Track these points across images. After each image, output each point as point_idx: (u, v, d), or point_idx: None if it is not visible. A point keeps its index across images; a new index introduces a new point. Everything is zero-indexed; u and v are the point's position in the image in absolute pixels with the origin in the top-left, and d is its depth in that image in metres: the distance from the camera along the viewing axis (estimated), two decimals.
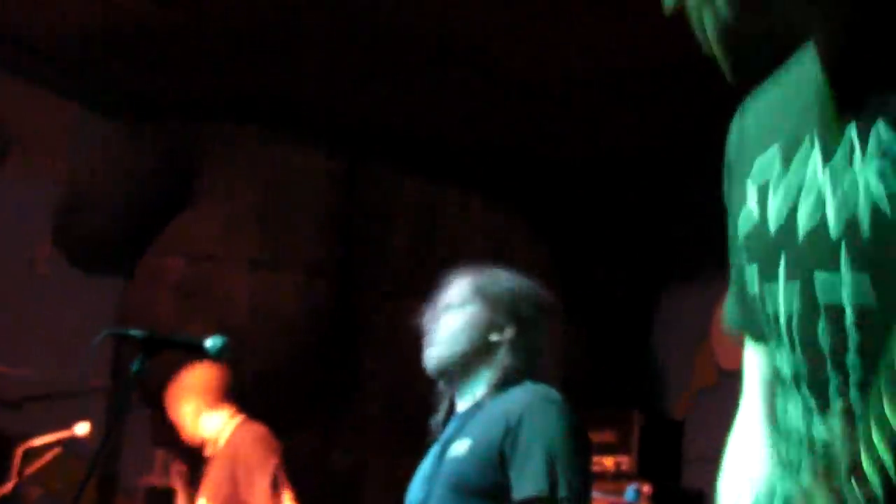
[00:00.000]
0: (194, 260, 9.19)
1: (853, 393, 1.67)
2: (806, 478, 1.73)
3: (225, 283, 9.16)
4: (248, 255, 9.26)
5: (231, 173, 9.37)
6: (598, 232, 9.90)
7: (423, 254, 9.46)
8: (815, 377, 1.75)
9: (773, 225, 1.81)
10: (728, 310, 2.15)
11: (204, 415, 6.58)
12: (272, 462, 6.50)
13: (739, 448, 2.22)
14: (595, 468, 8.02)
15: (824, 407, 1.74)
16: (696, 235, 9.44)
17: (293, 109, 9.09)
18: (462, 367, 4.11)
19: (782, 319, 1.79)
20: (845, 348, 1.67)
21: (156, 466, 8.64)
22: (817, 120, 1.75)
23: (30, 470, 6.43)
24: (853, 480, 1.53)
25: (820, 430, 1.75)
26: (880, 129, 1.63)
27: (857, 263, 1.64)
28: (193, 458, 6.83)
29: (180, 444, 6.87)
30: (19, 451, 6.49)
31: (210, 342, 4.78)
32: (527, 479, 3.77)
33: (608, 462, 8.23)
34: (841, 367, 1.69)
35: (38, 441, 6.52)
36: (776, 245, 1.80)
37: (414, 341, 4.25)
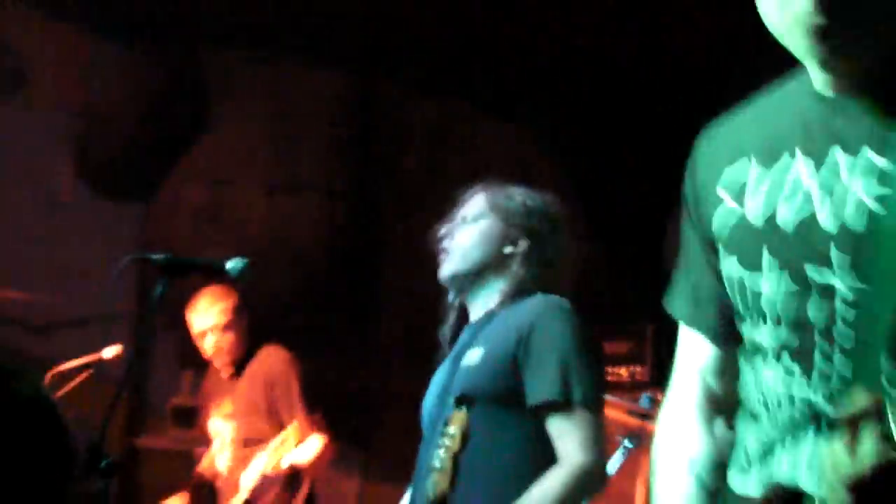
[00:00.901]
0: (212, 185, 9.24)
1: (838, 357, 2.02)
2: (780, 424, 2.14)
3: (242, 207, 9.22)
4: (264, 179, 9.33)
5: (246, 98, 9.43)
6: (613, 151, 9.88)
7: (437, 173, 9.43)
8: (801, 347, 2.08)
9: (755, 224, 2.15)
10: (674, 303, 2.51)
11: (225, 335, 6.67)
12: (301, 383, 6.63)
13: (674, 425, 2.51)
14: (611, 378, 8.16)
15: (807, 368, 2.08)
16: None
17: (304, 33, 9.08)
18: (476, 278, 4.19)
19: (768, 300, 2.12)
20: (834, 321, 2.01)
21: (183, 387, 8.72)
22: (801, 140, 2.11)
23: (60, 394, 6.42)
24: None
25: (801, 390, 2.09)
26: (868, 151, 1.99)
27: (850, 259, 1.98)
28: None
29: (206, 365, 6.93)
30: (48, 376, 6.47)
31: (231, 264, 4.82)
32: (541, 385, 3.85)
33: (623, 372, 8.28)
34: (828, 336, 2.03)
35: (67, 365, 6.52)
36: (758, 240, 2.14)
37: (431, 258, 4.30)
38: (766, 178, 2.15)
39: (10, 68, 9.11)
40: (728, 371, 2.40)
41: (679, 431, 2.49)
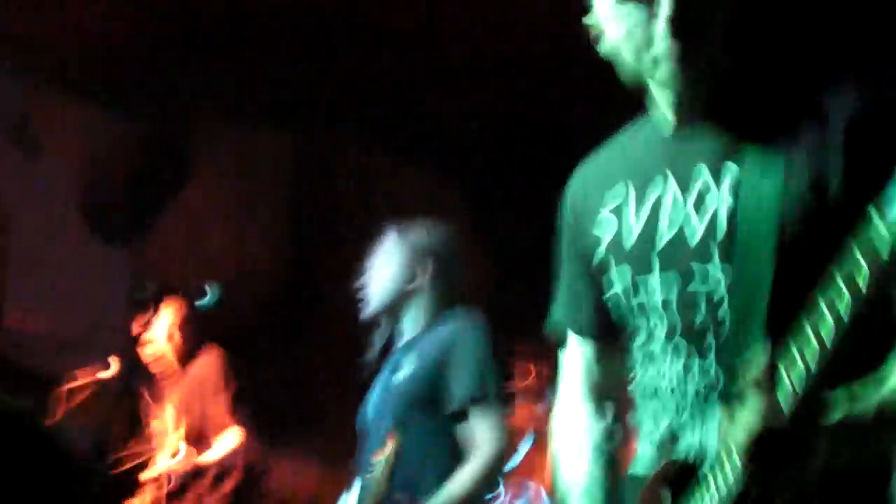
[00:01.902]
0: (190, 225, 9.22)
1: (724, 334, 2.01)
2: (685, 401, 2.08)
3: (213, 243, 9.21)
4: (231, 219, 9.32)
5: (215, 153, 9.42)
6: (511, 191, 9.92)
7: (366, 213, 9.46)
8: (692, 330, 2.05)
9: (641, 237, 2.13)
10: (554, 316, 2.46)
11: (171, 344, 6.54)
12: (231, 384, 6.50)
13: (567, 413, 2.44)
14: (519, 380, 8.09)
15: (701, 350, 2.04)
16: None
17: (263, 104, 9.11)
18: (398, 305, 4.21)
19: (660, 296, 2.09)
20: (717, 305, 2.01)
21: None
22: (667, 164, 2.11)
23: (73, 402, 6.38)
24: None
25: (698, 369, 2.05)
26: (728, 165, 2.03)
27: (723, 255, 2.00)
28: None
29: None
30: (64, 388, 6.45)
31: (206, 294, 4.79)
32: (463, 387, 3.91)
33: (530, 375, 8.23)
34: (714, 318, 2.02)
35: (78, 379, 6.48)
36: (645, 250, 2.11)
37: (358, 280, 4.34)
38: (645, 200, 2.14)
39: (31, 134, 9.09)
40: (608, 362, 2.36)
41: (572, 418, 2.43)
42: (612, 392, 2.39)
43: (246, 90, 8.90)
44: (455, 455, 3.87)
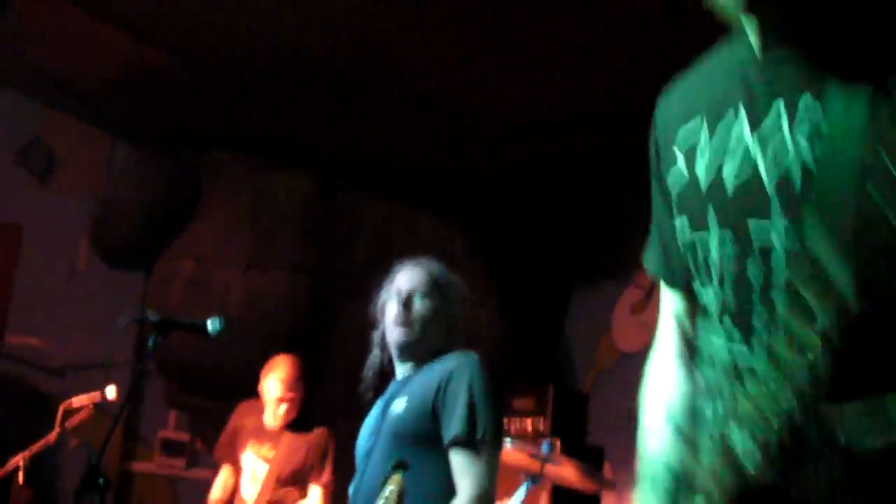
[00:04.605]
0: (200, 261, 9.14)
1: (775, 320, 1.63)
2: (727, 398, 1.71)
3: (223, 281, 9.11)
4: (242, 258, 9.20)
5: (229, 192, 9.35)
6: (525, 244, 9.94)
7: (381, 261, 9.38)
8: (741, 310, 1.73)
9: (702, 182, 1.82)
10: (648, 259, 2.12)
11: (281, 399, 6.59)
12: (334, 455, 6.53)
13: (656, 374, 2.12)
14: (517, 428, 8.11)
15: (748, 336, 1.71)
16: (600, 251, 9.53)
17: (278, 141, 9.11)
18: (424, 345, 4.16)
19: (714, 260, 1.78)
20: (771, 284, 1.66)
21: (169, 422, 8.63)
22: (742, 96, 1.76)
23: (69, 424, 6.34)
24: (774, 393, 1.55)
25: (742, 356, 1.72)
26: (806, 101, 1.64)
27: (789, 212, 1.64)
28: (201, 415, 6.78)
29: (189, 406, 6.81)
30: (61, 409, 6.41)
31: (210, 324, 4.74)
32: (452, 425, 3.85)
33: (528, 424, 8.22)
34: (766, 300, 1.67)
35: (76, 401, 6.45)
36: (705, 199, 1.80)
37: (371, 326, 4.33)
38: (712, 138, 1.81)
39: (44, 158, 9.12)
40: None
41: (660, 377, 2.10)
42: None
43: (269, 129, 8.93)
44: (452, 495, 3.81)
